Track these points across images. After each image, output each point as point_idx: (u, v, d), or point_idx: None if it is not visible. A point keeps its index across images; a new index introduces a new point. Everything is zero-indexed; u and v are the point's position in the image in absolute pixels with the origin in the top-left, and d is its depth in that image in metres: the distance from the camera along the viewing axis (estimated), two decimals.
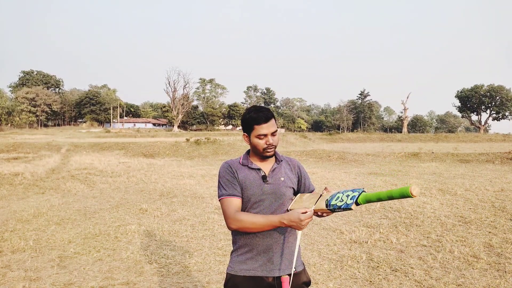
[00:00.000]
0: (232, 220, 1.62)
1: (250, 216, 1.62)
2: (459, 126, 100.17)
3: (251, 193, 1.69)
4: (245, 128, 1.73)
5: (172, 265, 3.86)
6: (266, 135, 1.69)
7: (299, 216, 1.49)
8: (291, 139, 32.52)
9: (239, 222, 1.61)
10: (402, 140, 40.30)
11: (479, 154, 16.58)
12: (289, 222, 1.51)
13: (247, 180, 1.70)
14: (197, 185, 9.09)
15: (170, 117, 67.37)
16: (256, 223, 1.59)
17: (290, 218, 1.51)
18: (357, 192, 1.50)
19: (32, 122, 64.22)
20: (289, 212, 1.56)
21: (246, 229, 1.63)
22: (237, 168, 1.73)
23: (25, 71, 75.71)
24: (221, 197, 1.69)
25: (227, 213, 1.65)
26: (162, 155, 18.97)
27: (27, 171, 10.95)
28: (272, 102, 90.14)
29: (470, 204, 6.45)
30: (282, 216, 1.55)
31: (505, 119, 66.88)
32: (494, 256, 3.95)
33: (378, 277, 3.48)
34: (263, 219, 1.59)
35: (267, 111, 1.71)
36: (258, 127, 1.68)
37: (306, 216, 1.49)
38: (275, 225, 1.57)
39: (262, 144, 1.70)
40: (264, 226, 1.59)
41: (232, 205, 1.66)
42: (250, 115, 1.70)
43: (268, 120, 1.68)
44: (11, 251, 4.27)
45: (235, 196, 1.68)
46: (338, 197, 1.53)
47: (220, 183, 1.72)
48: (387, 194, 1.40)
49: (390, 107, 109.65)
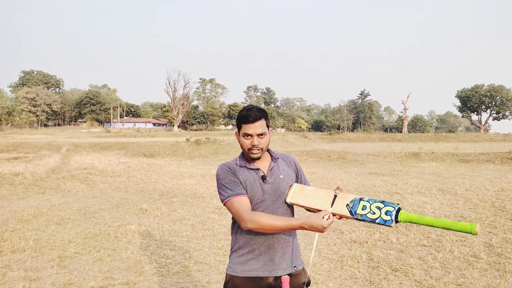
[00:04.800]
0: (248, 221, 1.54)
1: (269, 218, 1.55)
2: (459, 126, 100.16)
3: (253, 194, 1.66)
4: (237, 126, 1.73)
5: (172, 265, 3.85)
6: (252, 135, 1.65)
7: (321, 223, 1.46)
8: (291, 139, 32.51)
9: (257, 223, 1.53)
10: (402, 140, 40.27)
11: (479, 154, 16.57)
12: (311, 227, 1.48)
13: (248, 181, 1.67)
14: (197, 185, 9.10)
15: (170, 117, 67.34)
16: (275, 226, 1.53)
17: (312, 224, 1.47)
18: (392, 207, 1.43)
19: (32, 122, 64.28)
20: (310, 218, 1.50)
21: (263, 230, 1.57)
22: (236, 169, 1.70)
23: (25, 71, 75.79)
24: (229, 198, 1.61)
25: (241, 213, 1.57)
26: (162, 155, 18.97)
27: (27, 171, 10.96)
28: (272, 102, 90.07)
29: (470, 204, 6.45)
30: (303, 221, 1.49)
31: (506, 119, 66.79)
32: (494, 256, 3.95)
33: (378, 277, 3.48)
34: (283, 222, 1.53)
35: (258, 111, 1.67)
36: (245, 126, 1.66)
37: (329, 222, 1.47)
38: (295, 229, 1.54)
39: (247, 144, 1.67)
40: (283, 229, 1.54)
41: (245, 205, 1.59)
42: (241, 113, 1.68)
43: (255, 121, 1.64)
44: (11, 251, 4.27)
45: (243, 195, 1.62)
46: (365, 206, 1.47)
47: (222, 185, 1.66)
48: (443, 224, 1.35)
49: (390, 107, 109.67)
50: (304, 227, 1.49)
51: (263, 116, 1.67)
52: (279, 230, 1.55)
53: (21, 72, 75.85)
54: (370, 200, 1.49)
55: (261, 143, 1.67)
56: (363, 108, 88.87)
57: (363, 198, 1.51)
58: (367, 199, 1.50)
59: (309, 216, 1.54)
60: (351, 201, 1.52)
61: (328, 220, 1.48)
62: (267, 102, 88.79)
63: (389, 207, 1.43)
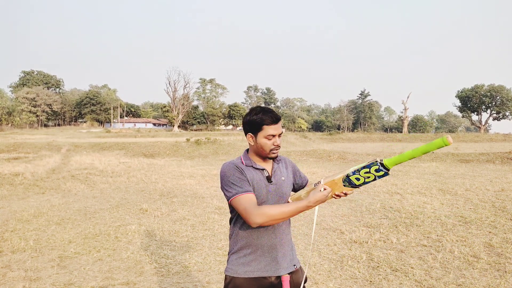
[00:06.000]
0: (257, 215, 1.55)
1: (277, 207, 1.58)
2: (459, 126, 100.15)
3: (258, 194, 1.68)
4: (252, 128, 1.71)
5: (172, 265, 3.85)
6: (275, 136, 1.70)
7: (323, 194, 1.58)
8: (291, 139, 32.51)
9: (267, 216, 1.55)
10: (402, 140, 40.27)
11: (480, 154, 16.57)
12: (315, 202, 1.57)
13: (254, 180, 1.69)
14: (198, 185, 9.10)
15: (170, 117, 67.37)
16: (286, 212, 1.57)
17: (316, 199, 1.57)
18: (376, 166, 1.51)
19: (32, 122, 64.32)
20: (311, 195, 1.59)
21: (273, 222, 1.59)
22: (243, 168, 1.70)
23: (25, 71, 75.84)
24: (237, 194, 1.61)
25: (249, 209, 1.57)
26: (162, 155, 18.97)
27: (27, 171, 10.96)
28: (273, 102, 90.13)
29: (471, 204, 6.44)
30: (308, 200, 1.57)
31: (506, 119, 66.81)
32: (494, 256, 3.94)
33: (378, 277, 3.48)
34: (291, 207, 1.58)
35: (275, 112, 1.73)
36: (267, 127, 1.69)
37: (328, 191, 1.59)
38: (302, 210, 1.59)
39: (269, 145, 1.70)
40: (293, 213, 1.59)
41: (252, 201, 1.60)
42: (259, 115, 1.69)
43: (278, 121, 1.71)
44: (11, 251, 4.27)
45: (251, 192, 1.63)
46: (358, 178, 1.56)
47: (230, 182, 1.64)
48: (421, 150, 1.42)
49: (390, 107, 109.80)
50: (310, 205, 1.57)
51: (280, 117, 1.75)
52: (290, 215, 1.59)
53: (21, 72, 75.97)
54: (356, 171, 1.56)
55: (280, 143, 1.74)
56: (363, 108, 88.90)
57: (349, 174, 1.58)
58: (353, 172, 1.57)
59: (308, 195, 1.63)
60: (343, 180, 1.60)
61: (326, 190, 1.59)
62: (267, 102, 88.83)
63: (374, 166, 1.52)
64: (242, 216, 1.60)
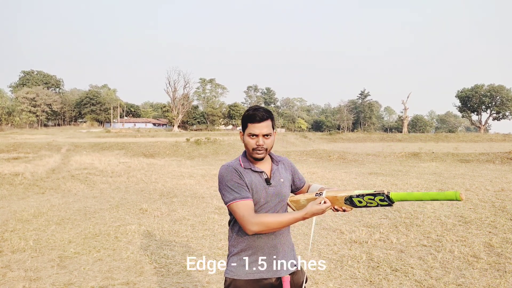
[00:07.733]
0: (254, 223, 1.55)
1: (274, 216, 1.59)
2: (459, 126, 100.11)
3: (258, 197, 1.66)
4: (242, 125, 1.73)
5: (172, 265, 3.85)
6: (257, 135, 1.65)
7: (321, 207, 1.56)
8: (291, 139, 32.51)
9: (263, 225, 1.56)
10: (402, 140, 40.27)
11: (479, 154, 16.57)
12: (312, 214, 1.57)
13: (253, 183, 1.67)
14: (197, 185, 9.09)
15: (170, 117, 67.33)
16: (282, 222, 1.58)
17: (313, 211, 1.56)
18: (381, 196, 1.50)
19: (32, 122, 64.27)
20: (309, 206, 1.59)
21: (269, 231, 1.60)
22: (242, 171, 1.68)
23: (25, 71, 75.76)
24: (234, 200, 1.59)
25: (246, 217, 1.56)
26: (162, 155, 18.97)
27: (27, 171, 10.96)
28: (272, 102, 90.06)
29: (470, 204, 6.45)
30: (306, 211, 1.57)
31: (506, 119, 66.78)
32: (494, 256, 3.94)
33: (378, 277, 3.48)
34: (289, 217, 1.59)
35: (264, 112, 1.67)
36: (251, 125, 1.66)
37: (327, 205, 1.58)
38: (299, 220, 1.59)
39: (252, 143, 1.67)
40: (289, 223, 1.60)
41: (250, 208, 1.59)
42: (247, 112, 1.68)
43: (262, 121, 1.65)
44: (11, 251, 4.27)
45: (249, 198, 1.61)
46: (360, 201, 1.55)
47: (228, 186, 1.63)
48: (430, 196, 1.41)
49: (390, 107, 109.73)
50: (307, 216, 1.57)
51: (269, 117, 1.68)
52: (286, 225, 1.60)
53: (21, 72, 75.88)
54: (360, 195, 1.55)
55: (266, 144, 1.67)
56: (363, 108, 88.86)
57: (352, 196, 1.57)
58: (357, 195, 1.55)
59: (306, 206, 1.62)
60: (345, 199, 1.59)
61: (325, 204, 1.58)
62: (267, 102, 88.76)
63: (379, 197, 1.50)
64: (239, 222, 1.61)
